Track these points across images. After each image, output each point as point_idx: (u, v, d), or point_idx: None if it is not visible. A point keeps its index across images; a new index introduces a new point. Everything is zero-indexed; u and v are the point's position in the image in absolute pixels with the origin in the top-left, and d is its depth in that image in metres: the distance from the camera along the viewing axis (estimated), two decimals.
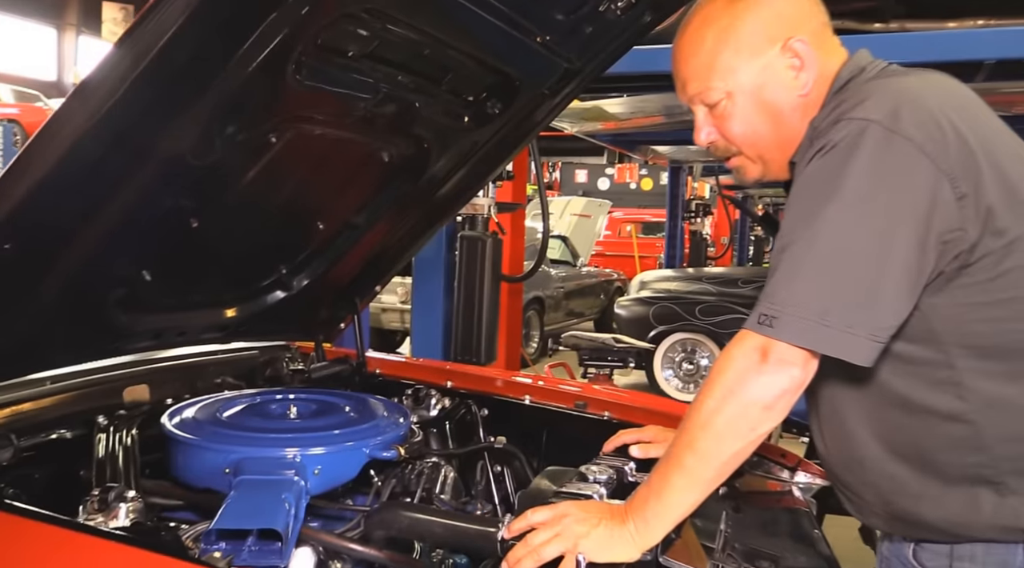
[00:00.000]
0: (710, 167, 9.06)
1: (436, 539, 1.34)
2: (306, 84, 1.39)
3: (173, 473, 1.59)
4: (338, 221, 1.98)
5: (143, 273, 1.61)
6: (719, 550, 1.36)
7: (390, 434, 1.66)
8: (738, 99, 1.26)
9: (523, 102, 1.96)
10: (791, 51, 1.23)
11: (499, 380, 2.38)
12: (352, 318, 2.36)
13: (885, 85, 1.17)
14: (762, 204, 13.67)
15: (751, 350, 1.11)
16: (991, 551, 1.19)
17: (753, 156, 1.31)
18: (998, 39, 3.67)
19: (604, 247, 14.29)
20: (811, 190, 1.11)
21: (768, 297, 1.11)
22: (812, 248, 1.09)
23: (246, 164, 1.54)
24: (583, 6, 1.76)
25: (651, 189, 25.83)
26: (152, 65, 1.10)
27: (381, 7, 1.35)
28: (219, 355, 2.21)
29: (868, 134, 1.08)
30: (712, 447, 1.14)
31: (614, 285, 10.89)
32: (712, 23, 1.26)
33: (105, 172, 1.28)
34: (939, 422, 1.17)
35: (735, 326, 6.17)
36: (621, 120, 5.73)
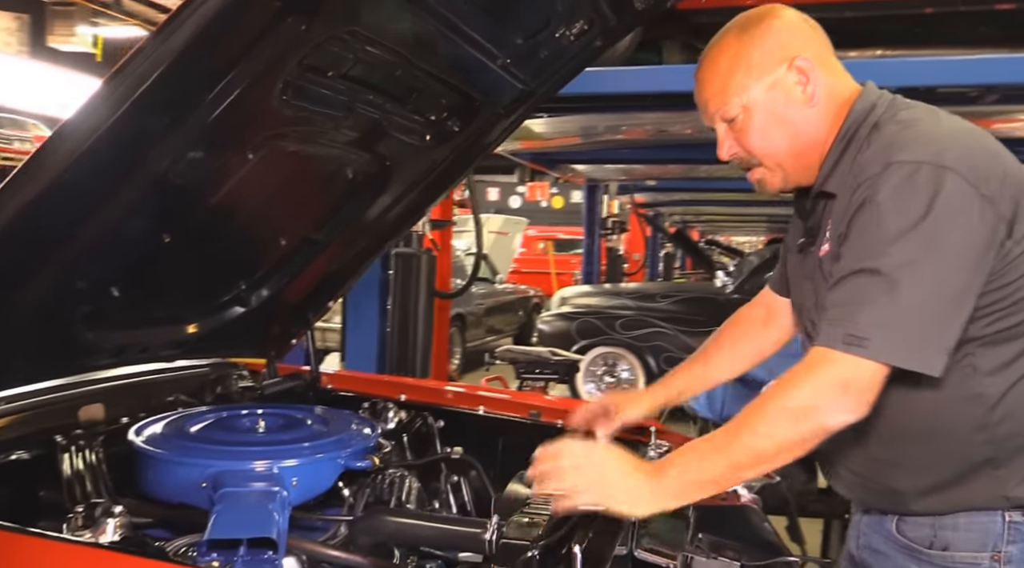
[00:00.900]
0: (625, 186, 9.33)
1: (425, 542, 1.39)
2: (289, 103, 1.43)
3: (143, 489, 1.58)
4: (299, 237, 2.00)
5: (111, 289, 1.60)
6: (687, 542, 1.45)
7: (362, 444, 1.69)
8: (754, 113, 1.39)
9: (480, 122, 2.03)
10: (796, 69, 1.37)
11: (450, 392, 2.43)
12: (304, 334, 2.38)
13: (923, 128, 1.30)
14: (671, 221, 14.14)
15: (836, 385, 1.21)
16: (974, 519, 1.32)
17: (772, 165, 1.43)
18: (896, 68, 3.97)
19: (520, 264, 14.46)
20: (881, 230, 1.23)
21: (850, 320, 1.21)
22: (892, 282, 1.20)
23: (222, 180, 1.56)
24: (541, 31, 1.86)
25: (562, 207, 26.30)
26: (143, 98, 1.13)
27: (363, 29, 1.40)
28: (169, 373, 2.19)
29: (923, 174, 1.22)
30: (770, 454, 1.23)
31: (532, 302, 11.04)
32: (725, 51, 1.41)
33: (88, 194, 1.30)
34: (956, 404, 1.31)
35: (655, 339, 6.37)
36: (544, 139, 5.87)
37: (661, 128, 5.65)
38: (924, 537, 1.37)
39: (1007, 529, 1.31)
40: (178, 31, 1.06)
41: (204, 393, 2.19)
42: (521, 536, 1.28)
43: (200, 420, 1.75)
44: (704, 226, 17.10)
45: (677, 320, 6.59)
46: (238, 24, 1.12)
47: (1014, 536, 1.31)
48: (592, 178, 8.86)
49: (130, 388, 2.02)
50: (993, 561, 1.31)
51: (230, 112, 1.33)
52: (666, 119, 5.39)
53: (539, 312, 10.89)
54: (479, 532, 1.34)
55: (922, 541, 1.37)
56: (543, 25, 1.84)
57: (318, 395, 2.31)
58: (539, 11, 1.78)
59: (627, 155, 7.12)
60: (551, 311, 7.33)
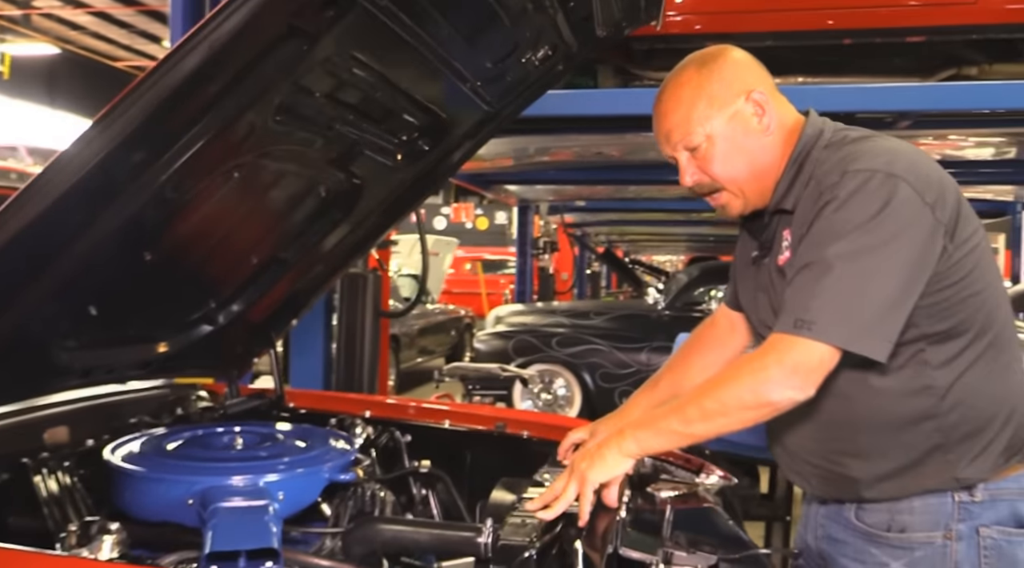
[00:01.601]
0: (555, 206, 9.50)
1: (421, 548, 1.42)
2: (281, 123, 1.46)
3: (122, 509, 1.57)
4: (268, 255, 2.01)
5: (89, 308, 1.59)
6: (667, 539, 1.53)
7: (344, 458, 1.72)
8: (716, 142, 1.49)
9: (447, 143, 2.10)
10: (753, 101, 1.48)
11: (413, 407, 2.46)
12: (265, 353, 2.38)
13: (873, 143, 1.44)
14: (597, 242, 14.42)
15: (786, 364, 1.34)
16: (927, 501, 1.44)
17: (735, 190, 1.54)
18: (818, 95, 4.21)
19: (450, 284, 14.49)
20: (834, 226, 1.35)
21: (801, 307, 1.34)
22: (841, 272, 1.32)
23: (205, 199, 1.57)
24: (509, 56, 1.94)
25: (487, 228, 26.44)
26: (143, 127, 1.16)
27: (356, 51, 1.45)
28: (129, 394, 2.16)
29: (876, 180, 1.35)
30: (717, 416, 1.39)
31: (463, 322, 11.08)
32: (686, 84, 1.51)
33: (77, 221, 1.31)
34: (909, 396, 1.42)
35: (591, 356, 6.50)
36: (483, 160, 5.96)
37: (596, 150, 5.81)
38: (882, 522, 1.48)
39: (956, 509, 1.44)
40: (192, 52, 1.09)
41: (164, 414, 2.17)
42: (518, 537, 1.33)
43: (176, 438, 1.74)
44: (628, 246, 17.49)
45: (612, 337, 6.73)
46: (250, 43, 1.16)
47: (963, 515, 1.43)
48: (524, 198, 9.00)
49: (92, 410, 1.99)
50: (945, 539, 1.43)
51: (226, 133, 1.36)
52: (601, 141, 5.56)
53: (471, 332, 10.94)
54: (474, 536, 1.38)
55: (880, 525, 1.48)
56: (511, 50, 1.92)
57: (283, 413, 2.31)
58: (508, 37, 1.86)
59: (559, 176, 7.28)
60: (487, 330, 7.39)
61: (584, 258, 13.47)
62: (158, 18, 18.78)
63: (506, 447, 2.21)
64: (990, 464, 1.44)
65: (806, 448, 1.57)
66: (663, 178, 7.47)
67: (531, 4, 1.74)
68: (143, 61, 22.97)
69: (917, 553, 1.45)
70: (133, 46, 21.65)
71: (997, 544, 1.43)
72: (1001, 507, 1.45)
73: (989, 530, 1.43)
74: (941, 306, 1.41)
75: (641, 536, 1.54)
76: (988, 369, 1.44)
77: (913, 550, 1.45)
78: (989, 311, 1.44)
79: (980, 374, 1.44)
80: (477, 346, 7.04)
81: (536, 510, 1.43)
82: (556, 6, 1.79)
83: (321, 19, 1.26)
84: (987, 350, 1.44)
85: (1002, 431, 1.45)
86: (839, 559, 1.55)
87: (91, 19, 19.15)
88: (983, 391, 1.44)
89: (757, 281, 1.61)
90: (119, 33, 20.37)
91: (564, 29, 1.93)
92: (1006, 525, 1.44)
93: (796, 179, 1.49)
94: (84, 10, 18.30)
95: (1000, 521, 1.44)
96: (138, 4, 17.98)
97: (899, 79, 4.30)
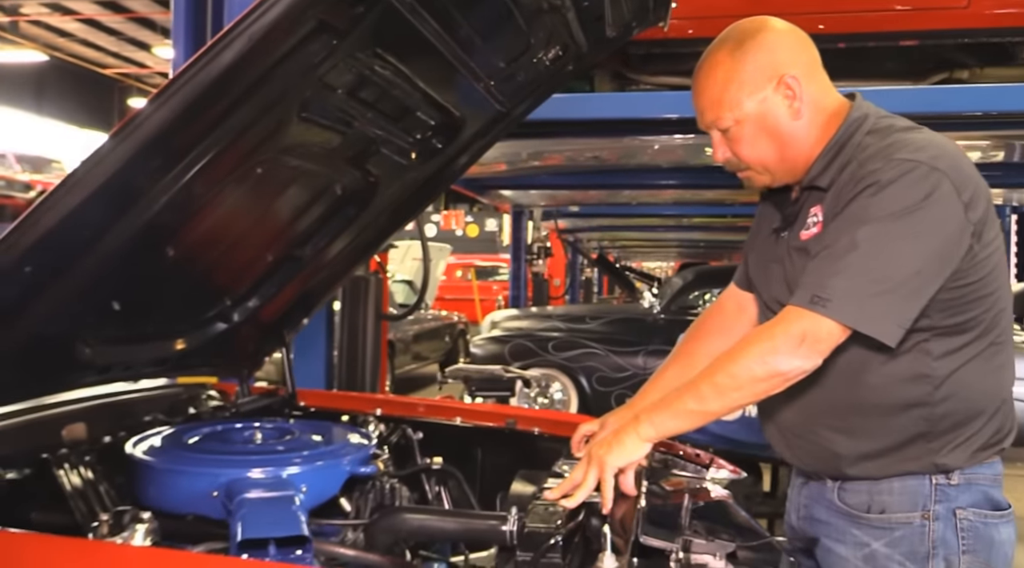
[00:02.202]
0: (549, 211, 9.53)
1: (447, 536, 1.44)
2: (304, 119, 1.49)
3: (145, 503, 1.58)
4: (284, 253, 2.03)
5: (113, 303, 1.60)
6: (686, 528, 1.55)
7: (363, 451, 1.73)
8: (745, 126, 1.53)
9: (460, 142, 2.12)
10: (785, 85, 1.50)
11: (423, 406, 2.48)
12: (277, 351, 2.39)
13: (920, 135, 1.47)
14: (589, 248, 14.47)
15: (794, 334, 1.37)
16: (906, 483, 1.48)
17: (760, 169, 1.58)
18: None
19: (443, 291, 14.51)
20: (868, 210, 1.39)
21: (820, 284, 1.37)
22: (865, 254, 1.36)
23: (228, 195, 1.59)
24: (522, 56, 1.97)
25: (477, 236, 26.47)
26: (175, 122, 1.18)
27: (380, 48, 1.47)
28: (142, 393, 2.17)
29: (919, 172, 1.38)
30: (730, 390, 1.41)
31: (457, 328, 11.09)
32: (720, 65, 1.53)
33: (101, 220, 1.34)
34: (905, 382, 1.46)
35: (587, 360, 6.52)
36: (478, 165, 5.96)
37: (592, 154, 5.84)
38: (862, 503, 1.52)
39: (934, 491, 1.48)
40: (231, 46, 1.11)
41: (178, 413, 2.18)
42: (544, 523, 1.35)
43: (196, 433, 1.75)
44: (619, 251, 17.55)
45: (608, 341, 6.76)
46: (285, 37, 1.18)
47: (940, 496, 1.48)
48: (518, 204, 9.03)
49: (107, 408, 2.00)
50: (923, 519, 1.47)
51: (254, 129, 1.38)
52: (596, 145, 5.60)
53: (465, 338, 10.95)
54: (499, 524, 1.40)
55: (861, 507, 1.52)
56: (524, 50, 1.95)
57: (295, 412, 2.32)
58: (522, 36, 1.89)
59: (553, 180, 7.31)
60: (483, 335, 7.40)
61: (577, 263, 13.51)
62: (147, 25, 18.76)
63: (517, 443, 2.23)
64: (969, 454, 1.48)
65: (797, 422, 1.59)
66: (656, 182, 7.55)
67: (546, 4, 1.77)
68: (132, 68, 22.95)
69: (897, 533, 1.49)
70: (122, 53, 21.62)
71: (973, 525, 1.48)
72: (975, 491, 1.49)
73: (965, 512, 1.48)
74: (957, 302, 1.44)
75: (660, 525, 1.57)
76: (984, 366, 1.48)
77: (893, 530, 1.49)
78: (997, 312, 1.48)
79: (976, 370, 1.47)
80: (474, 351, 7.05)
81: (557, 499, 1.45)
82: (569, 5, 1.82)
83: (350, 15, 1.29)
84: (987, 348, 1.48)
85: (986, 426, 1.49)
86: (822, 539, 1.59)
87: (80, 26, 19.11)
88: (976, 386, 1.47)
89: (774, 253, 1.63)
90: (108, 40, 20.33)
91: (576, 29, 1.96)
92: (981, 508, 1.49)
93: (835, 160, 1.51)
94: (72, 17, 18.26)
95: (976, 504, 1.48)
96: (127, 11, 17.97)
97: (892, 82, 4.36)
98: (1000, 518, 1.50)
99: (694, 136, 5.18)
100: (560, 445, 2.07)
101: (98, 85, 22.89)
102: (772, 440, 1.70)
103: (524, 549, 1.33)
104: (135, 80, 23.97)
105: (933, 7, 4.23)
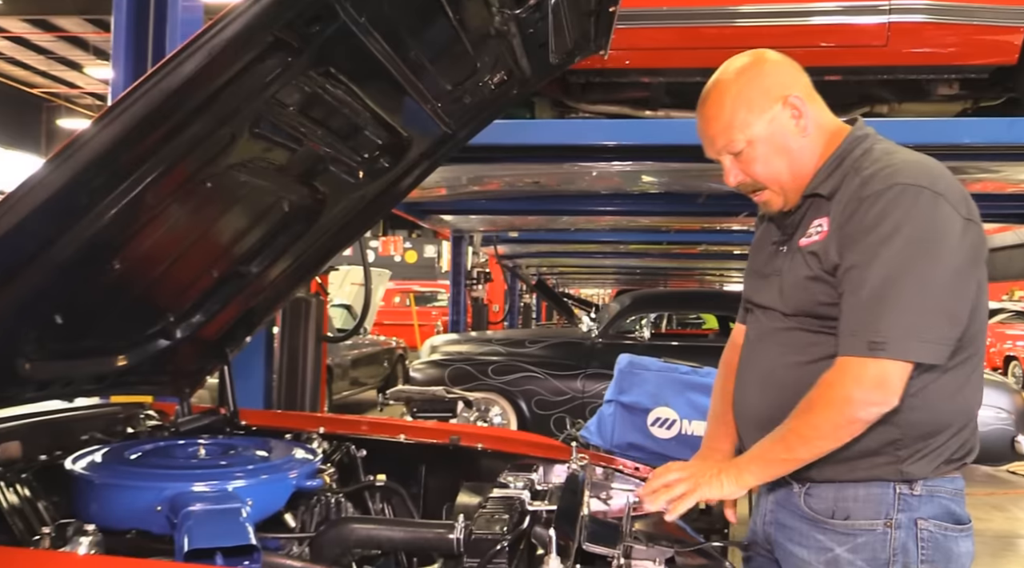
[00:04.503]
0: (488, 236, 9.62)
1: (396, 545, 1.46)
2: (257, 136, 1.51)
3: (87, 519, 1.55)
4: (230, 269, 2.03)
5: (55, 317, 1.59)
6: (627, 535, 1.60)
7: (309, 466, 1.74)
8: (757, 145, 1.60)
9: (406, 162, 2.16)
10: (790, 105, 1.59)
11: (367, 423, 2.49)
12: (218, 369, 2.37)
13: (914, 156, 1.56)
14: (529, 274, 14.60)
15: (867, 385, 1.45)
16: (871, 491, 1.54)
17: (777, 189, 1.64)
18: None
19: (381, 316, 14.41)
20: (883, 237, 1.46)
21: (872, 329, 1.45)
22: (898, 289, 1.44)
23: (177, 210, 1.60)
24: (468, 79, 2.03)
25: (415, 262, 26.42)
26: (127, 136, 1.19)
27: (333, 67, 1.51)
28: (78, 412, 2.13)
29: (923, 196, 1.46)
30: (816, 440, 1.50)
31: (396, 353, 11.02)
32: (726, 92, 1.61)
33: (57, 226, 1.33)
34: None
35: (526, 384, 6.55)
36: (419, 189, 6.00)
37: (532, 179, 5.94)
38: (827, 509, 1.58)
39: (897, 500, 1.54)
40: (191, 59, 1.13)
41: (115, 432, 2.15)
42: (490, 531, 1.39)
43: (140, 450, 1.74)
44: (557, 278, 17.75)
45: (547, 364, 6.82)
46: (243, 52, 1.21)
47: (902, 506, 1.54)
48: (458, 229, 9.09)
49: (42, 426, 1.96)
50: (886, 527, 1.53)
51: (207, 142, 1.40)
52: (536, 170, 5.70)
53: (403, 364, 10.87)
54: (446, 532, 1.43)
55: (825, 512, 1.58)
56: (470, 73, 2.01)
57: (237, 430, 2.30)
58: (468, 61, 1.95)
59: (494, 205, 7.40)
60: (423, 359, 7.38)
61: (516, 289, 13.61)
62: (79, 44, 18.33)
63: (461, 460, 2.26)
64: (934, 466, 1.54)
65: (772, 420, 1.61)
66: (594, 209, 7.71)
67: (493, 30, 1.83)
68: (61, 88, 22.34)
69: (860, 539, 1.54)
70: (51, 72, 21.05)
71: (934, 536, 1.54)
72: (937, 503, 1.55)
73: (926, 523, 1.54)
74: None
75: (602, 534, 1.61)
76: (959, 382, 1.55)
77: (856, 536, 1.55)
78: (977, 331, 1.56)
79: (950, 384, 1.54)
80: (413, 375, 7.02)
81: (644, 496, 1.65)
82: (515, 32, 1.89)
83: (306, 34, 1.32)
84: (963, 365, 1.55)
85: (952, 439, 1.55)
86: (786, 544, 1.64)
87: (7, 43, 18.56)
88: (947, 400, 1.54)
89: (772, 266, 1.70)
90: (37, 59, 19.78)
91: (520, 55, 2.04)
92: (942, 520, 1.55)
93: (836, 171, 1.58)
94: (0, 35, 17.73)
95: (937, 516, 1.54)
96: (58, 30, 17.54)
97: None
98: (960, 532, 1.56)
99: (631, 163, 5.34)
100: (504, 461, 2.10)
101: (25, 105, 22.22)
102: (746, 438, 1.74)
103: (471, 556, 1.37)
104: (64, 100, 23.35)
105: (855, 44, 4.47)
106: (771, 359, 1.65)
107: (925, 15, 4.31)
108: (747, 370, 1.73)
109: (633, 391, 3.34)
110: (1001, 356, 14.87)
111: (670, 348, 7.15)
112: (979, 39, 4.32)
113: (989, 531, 5.52)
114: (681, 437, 3.23)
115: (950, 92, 4.70)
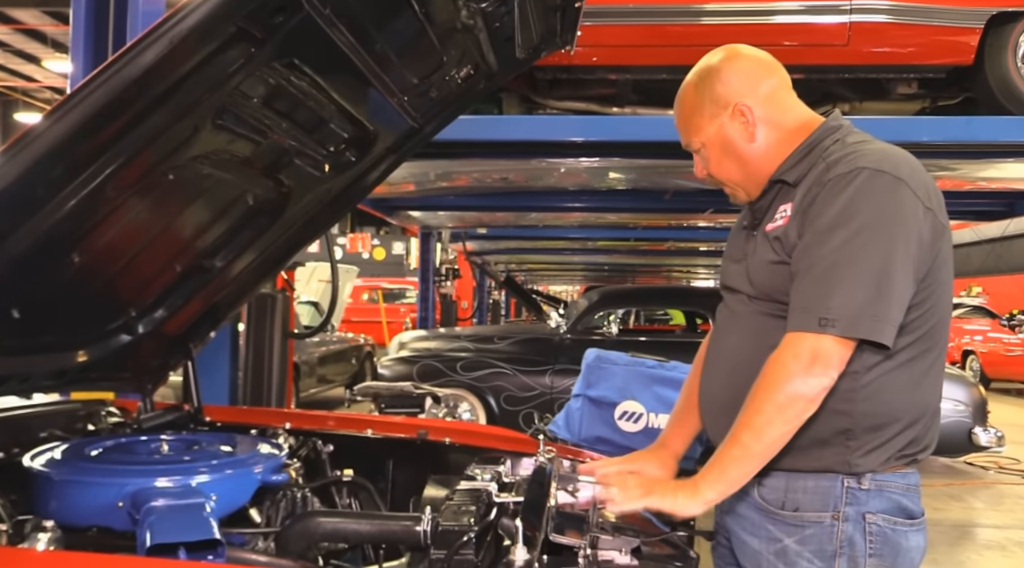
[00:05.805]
0: (457, 233, 9.59)
1: (362, 538, 1.45)
2: (220, 127, 1.49)
3: (46, 516, 1.53)
4: (193, 263, 2.01)
5: (12, 311, 1.56)
6: (593, 526, 1.61)
7: (274, 460, 1.73)
8: (709, 148, 1.69)
9: (372, 156, 2.16)
10: (739, 112, 1.64)
11: (334, 419, 2.48)
12: (181, 365, 2.34)
13: (882, 145, 1.58)
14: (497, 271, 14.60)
15: (804, 356, 1.46)
16: (820, 484, 1.56)
17: (733, 185, 1.72)
18: None
19: (349, 313, 14.33)
20: (840, 218, 1.48)
21: (823, 306, 1.46)
22: (852, 268, 1.46)
23: (138, 202, 1.58)
24: (435, 73, 2.03)
25: (384, 259, 26.34)
26: (88, 124, 1.17)
27: (298, 59, 1.50)
28: (37, 409, 2.10)
29: (883, 179, 1.49)
30: (765, 426, 1.48)
31: (364, 350, 10.96)
32: (687, 93, 1.71)
33: (13, 216, 1.31)
34: None
35: (495, 380, 6.58)
36: (386, 185, 5.98)
37: (500, 175, 5.94)
38: (778, 500, 1.60)
39: (844, 493, 1.56)
40: (151, 47, 1.12)
41: (75, 429, 2.12)
42: (457, 522, 1.39)
43: (101, 446, 1.71)
44: (526, 275, 17.76)
45: (515, 360, 6.83)
46: (204, 42, 1.19)
47: (850, 499, 1.56)
48: (426, 225, 9.05)
49: (0, 423, 1.92)
50: (833, 520, 1.56)
51: (168, 134, 1.38)
52: (504, 166, 5.70)
53: (371, 361, 10.82)
54: (413, 524, 1.43)
55: (776, 503, 1.60)
56: (437, 67, 2.01)
57: (201, 427, 2.28)
58: (434, 54, 1.95)
59: (462, 202, 7.39)
60: (391, 356, 7.35)
61: (485, 285, 13.60)
62: (37, 37, 17.95)
63: (428, 454, 2.26)
64: (882, 460, 1.56)
65: (729, 402, 1.63)
66: (562, 205, 7.73)
67: (459, 23, 1.83)
68: (19, 82, 21.86)
69: (808, 531, 1.57)
70: (8, 66, 20.59)
71: (882, 530, 1.56)
72: (886, 498, 1.57)
73: (875, 517, 1.56)
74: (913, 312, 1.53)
75: (569, 524, 1.62)
76: (916, 376, 1.56)
77: (804, 528, 1.57)
78: (935, 323, 1.58)
79: (904, 377, 1.56)
80: (382, 372, 7.00)
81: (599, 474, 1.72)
82: (481, 26, 1.89)
83: (269, 24, 1.31)
84: (921, 358, 1.57)
85: (902, 433, 1.57)
86: (740, 533, 1.66)
87: None
88: (900, 392, 1.56)
89: (742, 250, 1.72)
90: None
91: (487, 49, 2.04)
92: (891, 515, 1.57)
93: (803, 160, 1.62)
94: None
95: (885, 511, 1.56)
96: (15, 22, 17.15)
97: None
98: (911, 526, 1.58)
99: (598, 159, 5.36)
100: (471, 455, 2.10)
101: None
102: (710, 426, 1.76)
103: (438, 547, 1.37)
104: (22, 94, 22.85)
105: (817, 43, 4.53)
106: (736, 343, 1.68)
107: (886, 15, 4.39)
108: (713, 355, 1.76)
109: (600, 385, 3.36)
110: (959, 350, 15.19)
111: (638, 344, 7.24)
112: (937, 40, 4.40)
113: (947, 521, 5.65)
114: (648, 430, 3.26)
115: (909, 91, 4.79)
